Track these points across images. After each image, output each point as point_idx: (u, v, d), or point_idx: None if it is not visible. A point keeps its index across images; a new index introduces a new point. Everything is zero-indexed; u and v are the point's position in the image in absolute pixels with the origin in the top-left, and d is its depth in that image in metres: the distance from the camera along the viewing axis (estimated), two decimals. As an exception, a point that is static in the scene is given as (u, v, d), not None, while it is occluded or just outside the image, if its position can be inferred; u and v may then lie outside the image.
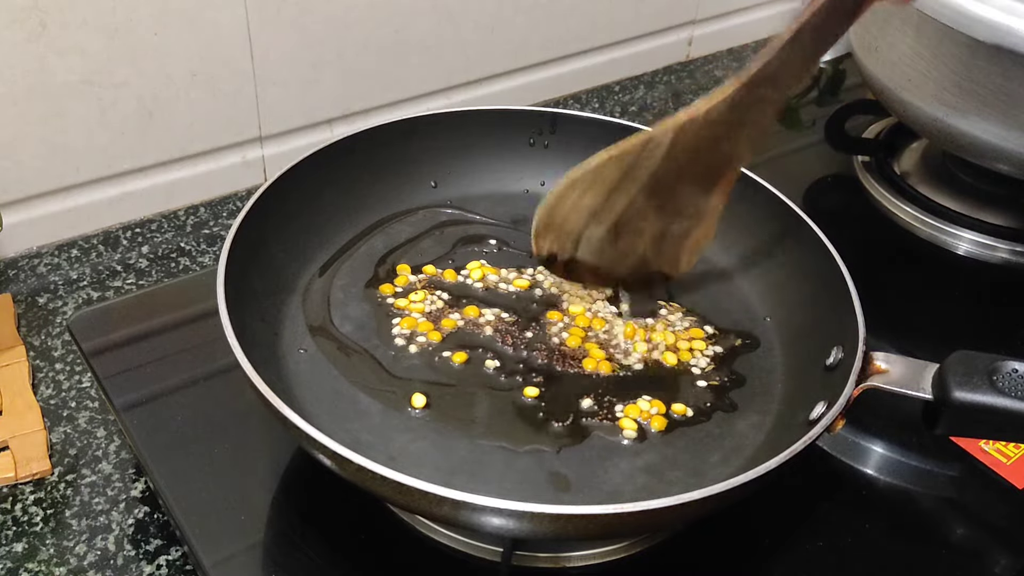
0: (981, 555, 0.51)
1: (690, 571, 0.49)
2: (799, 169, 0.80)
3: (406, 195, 0.63)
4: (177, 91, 0.71)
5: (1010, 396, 0.44)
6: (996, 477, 0.54)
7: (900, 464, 0.56)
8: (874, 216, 0.74)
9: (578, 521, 0.39)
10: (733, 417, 0.52)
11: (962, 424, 0.45)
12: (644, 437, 0.50)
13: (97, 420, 0.58)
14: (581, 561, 0.48)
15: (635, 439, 0.50)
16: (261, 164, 0.78)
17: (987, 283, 0.71)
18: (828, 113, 0.78)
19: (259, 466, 0.51)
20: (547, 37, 0.88)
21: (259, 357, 0.46)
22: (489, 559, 0.47)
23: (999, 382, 0.44)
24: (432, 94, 0.84)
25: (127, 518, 0.52)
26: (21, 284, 0.67)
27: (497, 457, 0.48)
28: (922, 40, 0.63)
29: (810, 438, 0.43)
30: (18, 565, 0.49)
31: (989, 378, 0.44)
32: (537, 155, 0.65)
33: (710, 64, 1.01)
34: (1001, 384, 0.44)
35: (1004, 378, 0.44)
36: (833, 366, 0.50)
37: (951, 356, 0.46)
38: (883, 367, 0.47)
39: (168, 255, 0.71)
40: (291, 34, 0.73)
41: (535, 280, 0.59)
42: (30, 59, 0.64)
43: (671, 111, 0.91)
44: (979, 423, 0.45)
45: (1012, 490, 0.54)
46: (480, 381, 0.53)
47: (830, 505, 0.53)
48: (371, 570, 0.47)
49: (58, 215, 0.70)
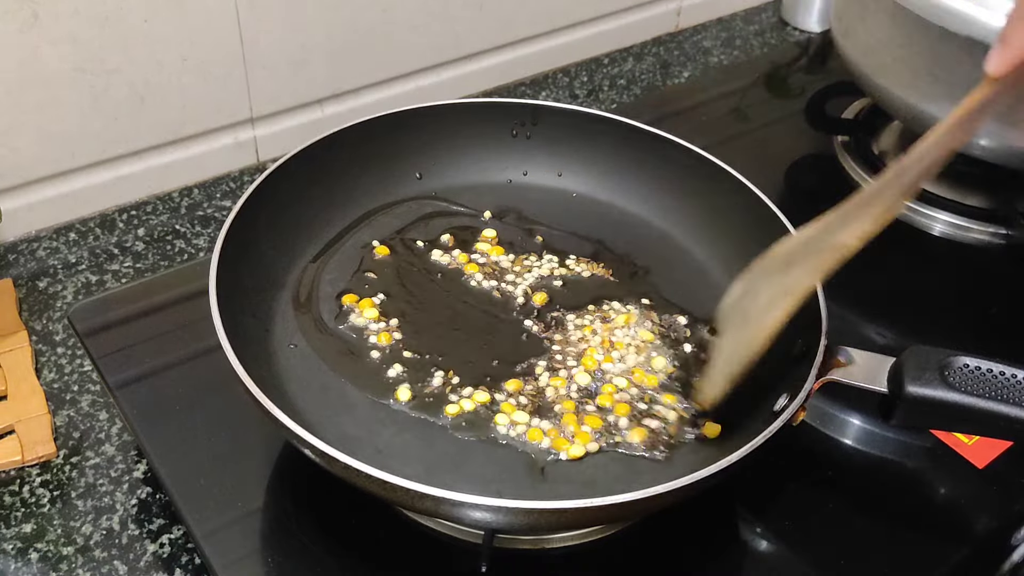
0: (939, 532, 0.54)
1: (665, 550, 0.51)
2: (780, 148, 0.81)
3: (392, 187, 0.65)
4: (168, 76, 0.72)
5: (960, 391, 0.46)
6: (958, 457, 0.57)
7: (874, 434, 0.58)
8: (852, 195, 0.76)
9: (550, 515, 0.42)
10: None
11: (916, 416, 0.47)
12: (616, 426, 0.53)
13: (99, 403, 0.60)
14: (561, 543, 0.50)
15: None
16: (253, 145, 0.79)
17: (961, 263, 0.73)
18: (815, 80, 0.78)
19: (255, 450, 0.54)
20: (535, 11, 0.89)
21: (250, 354, 0.49)
22: (473, 542, 0.50)
23: (950, 377, 0.46)
24: (422, 71, 0.85)
25: (130, 498, 0.55)
26: (21, 268, 0.69)
27: (478, 448, 0.51)
28: (897, 28, 0.64)
29: (771, 431, 0.45)
30: (27, 545, 0.52)
31: (941, 373, 0.46)
32: (520, 146, 0.67)
33: (699, 35, 1.01)
34: (952, 379, 0.46)
35: (955, 373, 0.47)
36: (797, 357, 0.52)
37: (906, 351, 0.48)
38: (843, 361, 0.49)
39: (164, 237, 0.73)
40: (280, 16, 0.74)
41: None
42: (23, 49, 0.65)
43: (659, 82, 0.93)
44: (931, 416, 0.47)
45: (973, 469, 0.56)
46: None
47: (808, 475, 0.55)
48: (362, 554, 0.50)
49: (55, 199, 0.72)
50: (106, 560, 0.52)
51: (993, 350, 0.48)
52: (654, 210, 0.66)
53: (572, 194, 0.67)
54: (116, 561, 0.52)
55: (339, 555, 0.49)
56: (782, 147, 0.82)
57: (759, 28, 1.03)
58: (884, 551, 0.52)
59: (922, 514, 0.55)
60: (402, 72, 0.84)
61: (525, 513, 0.42)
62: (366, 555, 0.50)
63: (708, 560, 0.51)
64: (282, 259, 0.59)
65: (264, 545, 0.49)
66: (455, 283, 0.60)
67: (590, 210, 0.66)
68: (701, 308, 0.60)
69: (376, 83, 0.83)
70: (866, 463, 0.57)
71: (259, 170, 0.79)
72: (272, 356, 0.54)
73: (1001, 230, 0.72)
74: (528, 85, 0.92)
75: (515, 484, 0.49)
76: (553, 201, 0.67)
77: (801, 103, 0.85)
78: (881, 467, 0.57)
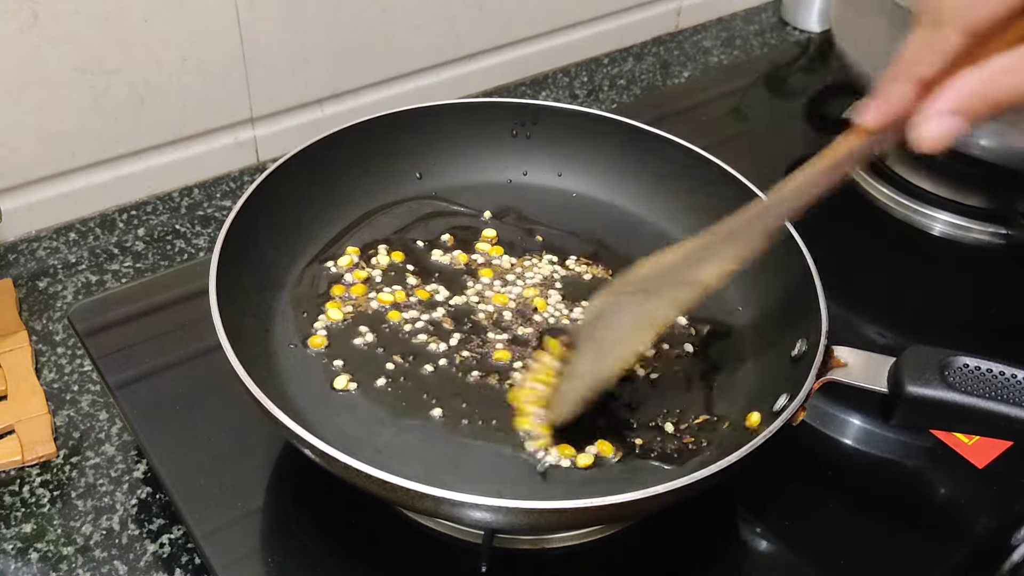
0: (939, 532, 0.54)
1: (666, 550, 0.51)
2: (780, 149, 0.81)
3: (392, 187, 0.65)
4: (168, 76, 0.72)
5: (959, 391, 0.46)
6: (958, 457, 0.57)
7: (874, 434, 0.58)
8: (851, 196, 0.76)
9: (550, 515, 0.42)
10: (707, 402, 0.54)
11: (916, 416, 0.47)
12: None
13: (99, 403, 0.60)
14: (561, 543, 0.50)
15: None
16: (253, 145, 0.79)
17: (961, 263, 0.73)
18: (815, 80, 0.78)
19: (255, 450, 0.54)
20: (535, 11, 0.89)
21: (250, 354, 0.49)
22: (473, 542, 0.49)
23: (950, 377, 0.46)
24: (422, 71, 0.85)
25: (130, 498, 0.55)
26: (21, 268, 0.69)
27: (477, 448, 0.51)
28: (897, 28, 0.64)
29: (771, 431, 0.45)
30: (28, 545, 0.52)
31: (941, 373, 0.46)
32: (520, 146, 0.67)
33: (699, 35, 1.02)
34: (952, 379, 0.46)
35: (955, 373, 0.47)
36: (798, 357, 0.52)
37: (906, 351, 0.48)
38: (843, 361, 0.49)
39: (163, 237, 0.73)
40: (280, 16, 0.74)
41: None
42: (23, 49, 0.65)
43: (659, 82, 0.93)
44: (931, 416, 0.47)
45: (973, 469, 0.56)
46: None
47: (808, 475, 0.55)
48: (362, 554, 0.50)
49: (55, 199, 0.72)
50: (106, 560, 0.52)
51: (993, 350, 0.48)
52: (654, 210, 0.66)
53: (572, 194, 0.67)
54: (116, 561, 0.52)
55: (339, 555, 0.49)
56: (782, 147, 0.81)
57: (759, 28, 1.03)
58: (884, 551, 0.52)
59: (922, 514, 0.55)
60: (402, 72, 0.84)
61: (525, 513, 0.42)
62: (366, 555, 0.50)
63: (708, 560, 0.51)
64: (282, 259, 0.59)
65: (264, 545, 0.49)
66: (454, 283, 0.60)
67: (590, 210, 0.66)
68: (701, 308, 0.59)
69: (376, 83, 0.83)
70: (866, 463, 0.57)
71: (259, 170, 0.79)
72: (272, 356, 0.54)
73: (1001, 230, 0.72)
74: (528, 85, 0.92)
75: (515, 483, 0.49)
76: (553, 201, 0.67)
77: (801, 103, 0.85)
78: (881, 467, 0.57)
